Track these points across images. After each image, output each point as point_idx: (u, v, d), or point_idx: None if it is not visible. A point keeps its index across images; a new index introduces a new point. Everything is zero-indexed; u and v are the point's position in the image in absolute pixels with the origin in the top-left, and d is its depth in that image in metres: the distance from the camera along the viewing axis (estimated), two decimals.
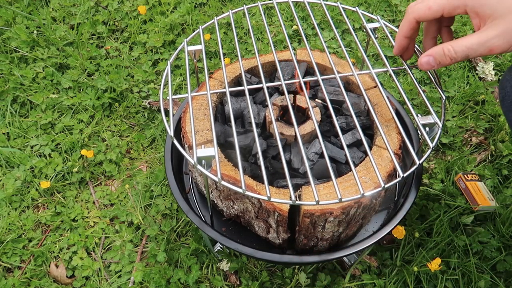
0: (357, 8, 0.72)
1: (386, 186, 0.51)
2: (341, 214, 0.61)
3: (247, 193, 0.52)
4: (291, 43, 0.67)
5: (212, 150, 0.54)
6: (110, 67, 1.32)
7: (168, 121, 0.59)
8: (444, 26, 0.61)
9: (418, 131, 0.56)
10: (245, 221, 0.74)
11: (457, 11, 0.53)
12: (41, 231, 1.02)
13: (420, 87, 0.61)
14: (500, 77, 0.61)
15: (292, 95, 0.71)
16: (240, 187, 0.52)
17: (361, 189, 0.51)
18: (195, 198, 0.81)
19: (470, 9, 0.51)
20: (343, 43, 0.68)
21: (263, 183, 0.64)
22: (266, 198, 0.51)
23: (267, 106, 0.75)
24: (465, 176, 0.99)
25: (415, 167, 0.54)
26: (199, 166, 0.54)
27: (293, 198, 0.51)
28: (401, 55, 0.65)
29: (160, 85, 1.28)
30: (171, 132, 0.58)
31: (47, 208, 1.06)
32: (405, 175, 0.52)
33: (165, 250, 0.96)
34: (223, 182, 0.53)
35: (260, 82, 0.78)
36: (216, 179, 0.52)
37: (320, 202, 0.50)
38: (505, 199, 0.98)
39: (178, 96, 0.62)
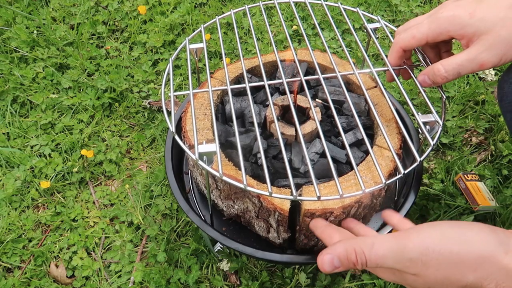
0: (357, 8, 0.73)
1: (388, 182, 0.52)
2: (341, 214, 0.61)
3: (248, 188, 0.52)
4: (291, 43, 0.68)
5: (214, 146, 0.54)
6: (110, 67, 1.32)
7: (169, 116, 0.59)
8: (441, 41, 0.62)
9: (419, 130, 0.57)
10: (245, 221, 0.74)
11: (440, 37, 0.54)
12: (41, 231, 1.02)
13: (420, 86, 0.61)
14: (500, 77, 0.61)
15: (292, 95, 0.71)
16: (242, 183, 0.52)
17: (362, 186, 0.51)
18: (195, 198, 0.81)
19: (453, 33, 0.53)
20: (343, 43, 0.69)
21: (264, 182, 0.64)
22: (267, 193, 0.51)
23: (267, 105, 0.75)
24: (465, 176, 0.99)
25: (416, 163, 0.54)
26: (200, 162, 0.54)
27: (295, 193, 0.51)
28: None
29: (160, 85, 1.29)
30: (172, 128, 0.58)
31: (47, 208, 1.06)
32: (406, 171, 0.53)
33: (165, 250, 0.96)
34: (224, 177, 0.53)
35: (260, 82, 0.78)
36: (217, 174, 0.52)
37: (322, 198, 0.51)
38: (505, 199, 0.98)
39: (180, 93, 0.62)
